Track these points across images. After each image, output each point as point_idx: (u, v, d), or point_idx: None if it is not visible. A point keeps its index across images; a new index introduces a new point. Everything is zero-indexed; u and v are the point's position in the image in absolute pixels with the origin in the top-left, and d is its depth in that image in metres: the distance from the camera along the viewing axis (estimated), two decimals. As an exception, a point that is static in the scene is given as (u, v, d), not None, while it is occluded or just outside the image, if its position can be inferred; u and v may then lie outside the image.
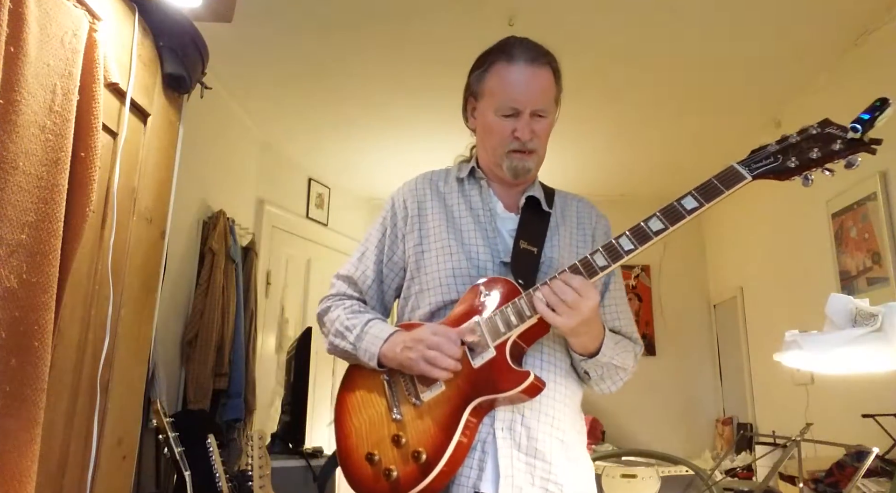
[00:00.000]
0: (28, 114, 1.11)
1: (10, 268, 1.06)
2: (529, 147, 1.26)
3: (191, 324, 3.02)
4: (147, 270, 1.66)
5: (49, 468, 1.30)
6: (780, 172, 1.04)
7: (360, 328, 1.26)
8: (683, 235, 4.81)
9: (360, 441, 1.21)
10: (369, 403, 1.24)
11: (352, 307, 1.33)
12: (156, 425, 1.78)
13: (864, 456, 1.95)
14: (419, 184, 1.39)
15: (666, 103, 3.49)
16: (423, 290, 1.28)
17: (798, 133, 1.05)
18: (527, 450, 1.16)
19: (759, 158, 1.06)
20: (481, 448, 1.16)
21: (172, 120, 1.77)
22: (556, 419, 1.20)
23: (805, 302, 3.20)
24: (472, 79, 1.33)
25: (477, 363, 1.14)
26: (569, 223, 1.35)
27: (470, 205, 1.33)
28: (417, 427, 1.16)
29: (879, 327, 1.41)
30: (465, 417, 1.12)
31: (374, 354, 1.22)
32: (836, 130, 1.02)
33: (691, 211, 1.06)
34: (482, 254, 1.26)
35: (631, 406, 4.59)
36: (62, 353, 1.33)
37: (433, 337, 1.14)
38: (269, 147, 4.08)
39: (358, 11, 2.72)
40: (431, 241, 1.29)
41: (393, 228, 1.36)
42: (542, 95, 1.25)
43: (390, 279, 1.37)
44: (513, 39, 1.30)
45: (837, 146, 1.01)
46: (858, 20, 2.67)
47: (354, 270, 1.38)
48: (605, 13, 2.70)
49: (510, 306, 1.14)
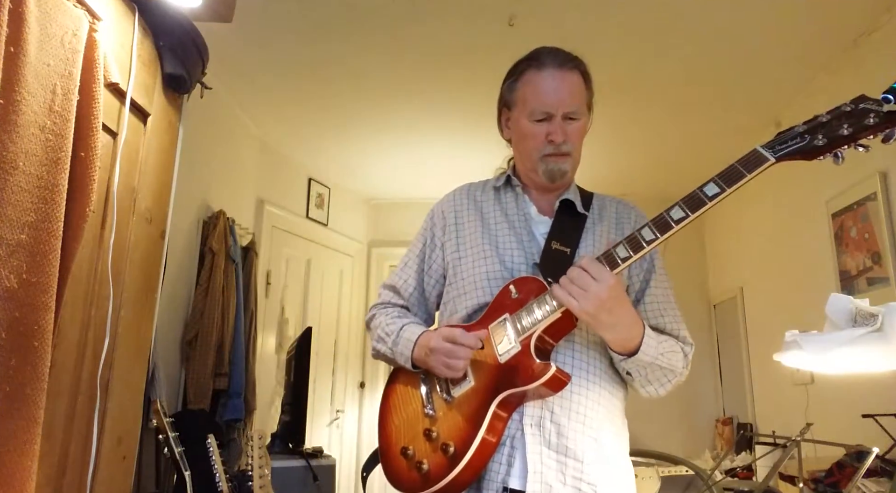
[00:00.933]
0: (28, 114, 1.11)
1: (10, 268, 1.06)
2: (563, 150, 1.29)
3: (191, 324, 3.02)
4: (147, 270, 1.66)
5: (49, 468, 1.30)
6: (807, 152, 0.99)
7: (396, 333, 1.33)
8: (683, 235, 4.77)
9: (399, 437, 1.27)
10: (408, 401, 1.30)
11: (392, 314, 1.40)
12: (156, 425, 1.78)
13: (864, 456, 1.95)
14: (457, 195, 1.44)
15: (666, 103, 3.49)
16: (459, 294, 1.32)
17: (829, 112, 0.99)
18: (557, 448, 1.16)
19: (785, 139, 1.01)
20: (510, 444, 1.17)
21: (172, 120, 1.77)
22: (588, 417, 1.19)
23: (805, 302, 3.20)
24: (504, 89, 1.36)
25: (503, 359, 1.17)
26: (606, 223, 1.36)
27: (505, 212, 1.37)
28: (448, 421, 1.19)
29: (879, 327, 1.41)
30: (492, 410, 1.14)
31: (407, 357, 1.29)
32: (870, 105, 0.96)
33: (713, 197, 1.04)
34: (516, 257, 1.29)
35: (631, 406, 4.58)
36: (62, 353, 1.33)
37: (445, 345, 1.19)
38: (269, 147, 4.08)
39: (358, 11, 2.72)
40: (467, 247, 1.34)
41: (432, 238, 1.42)
42: (572, 98, 1.28)
43: (431, 286, 1.42)
44: (542, 48, 1.33)
45: (872, 120, 0.94)
46: (858, 20, 2.67)
47: (398, 279, 1.45)
48: (604, 13, 2.69)
49: (535, 301, 1.16)
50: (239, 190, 3.76)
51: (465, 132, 3.83)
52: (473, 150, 3.99)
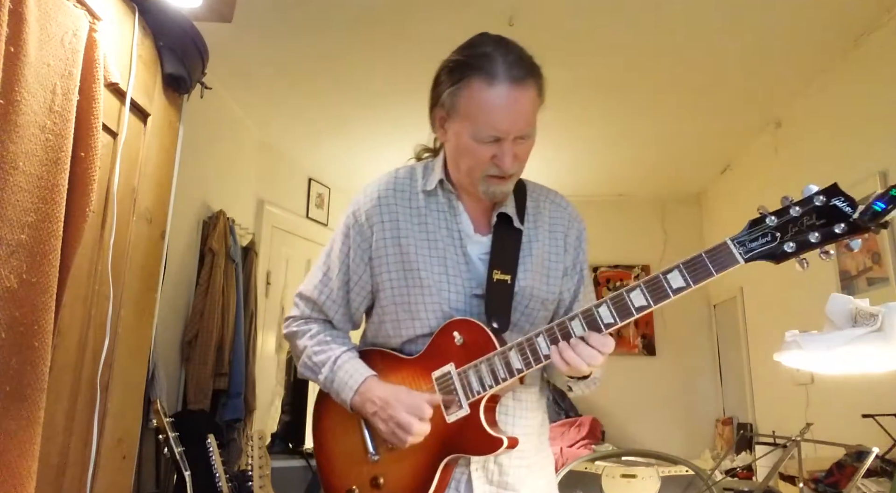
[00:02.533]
0: (28, 114, 1.11)
1: (10, 268, 1.06)
2: (510, 173, 1.15)
3: (191, 324, 3.02)
4: (147, 270, 1.66)
5: (49, 468, 1.30)
6: (775, 257, 0.99)
7: (329, 369, 1.23)
8: (683, 235, 4.81)
9: (342, 471, 1.23)
10: (347, 434, 1.24)
11: (318, 337, 1.28)
12: (156, 425, 1.78)
13: (864, 456, 1.95)
14: (383, 196, 1.25)
15: (666, 103, 3.49)
16: (393, 320, 1.24)
17: (800, 203, 0.96)
18: (498, 483, 1.19)
19: (756, 235, 1.01)
20: (455, 486, 1.18)
21: (172, 120, 1.77)
22: (525, 451, 1.22)
23: (805, 302, 3.20)
24: (444, 92, 1.15)
25: (451, 419, 1.14)
26: (542, 236, 1.27)
27: (438, 225, 1.23)
28: (395, 472, 1.17)
29: (879, 327, 1.41)
30: (441, 468, 1.14)
31: (345, 401, 1.21)
32: (843, 205, 0.91)
33: (677, 290, 1.04)
34: (454, 285, 1.20)
35: (631, 406, 4.59)
36: (62, 353, 1.33)
37: (405, 416, 1.12)
38: (269, 147, 4.08)
39: (358, 11, 2.72)
40: (400, 269, 1.21)
41: (357, 249, 1.25)
42: (526, 120, 1.12)
43: (357, 302, 1.29)
44: (490, 46, 1.12)
45: (840, 229, 0.91)
46: (858, 20, 2.67)
47: (318, 294, 1.29)
48: (604, 13, 2.69)
49: (485, 363, 1.12)
50: (239, 190, 3.76)
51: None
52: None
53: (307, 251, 4.46)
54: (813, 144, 3.19)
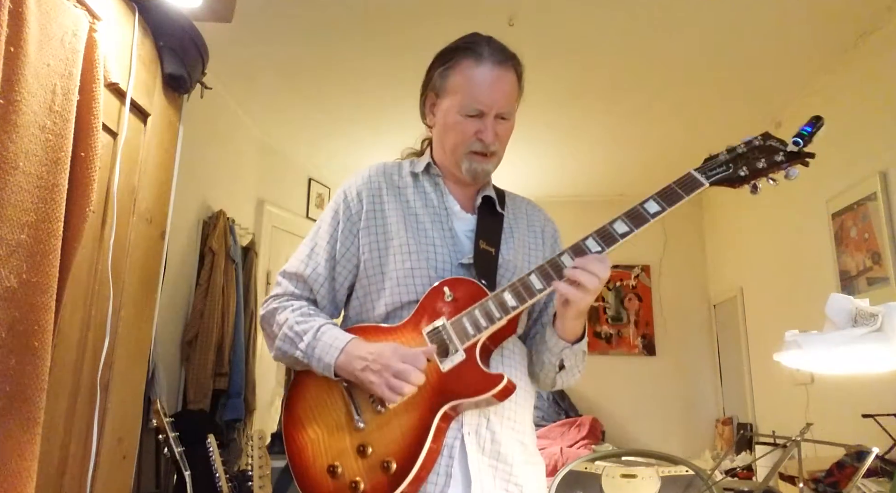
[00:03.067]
0: (28, 114, 1.11)
1: (10, 268, 1.06)
2: (491, 150, 1.24)
3: (191, 324, 3.02)
4: (147, 270, 1.66)
5: (49, 468, 1.30)
6: (732, 181, 1.14)
7: (313, 335, 1.18)
8: (683, 235, 4.81)
9: (319, 453, 1.15)
10: (326, 412, 1.18)
11: (301, 310, 1.24)
12: (156, 425, 1.78)
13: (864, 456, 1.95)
14: (373, 175, 1.32)
15: (666, 103, 3.49)
16: (378, 290, 1.23)
17: (744, 143, 1.16)
18: (490, 453, 1.16)
19: (714, 166, 1.15)
20: (448, 454, 1.13)
21: (172, 120, 1.77)
22: (517, 422, 1.21)
23: (805, 302, 3.20)
24: (435, 74, 1.28)
25: (446, 367, 1.12)
26: (521, 225, 1.35)
27: (426, 202, 1.29)
28: (384, 435, 1.11)
29: (879, 327, 1.41)
30: (436, 422, 1.09)
31: (328, 364, 1.14)
32: (776, 143, 1.14)
33: (654, 214, 1.14)
34: (440, 255, 1.22)
35: (631, 406, 4.59)
36: (62, 353, 1.33)
37: (400, 365, 1.08)
38: (269, 147, 4.08)
39: (358, 12, 2.72)
40: (388, 238, 1.24)
41: (346, 222, 1.28)
42: (507, 98, 1.23)
43: (343, 277, 1.28)
44: (479, 37, 1.27)
45: (779, 157, 1.12)
46: (858, 20, 2.67)
47: (304, 267, 1.28)
48: (604, 13, 2.69)
49: (478, 307, 1.13)
50: (239, 190, 3.76)
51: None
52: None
53: (307, 251, 4.46)
54: (813, 144, 3.18)
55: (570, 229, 1.35)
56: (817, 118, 1.11)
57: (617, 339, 4.80)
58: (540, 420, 4.23)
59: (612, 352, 4.78)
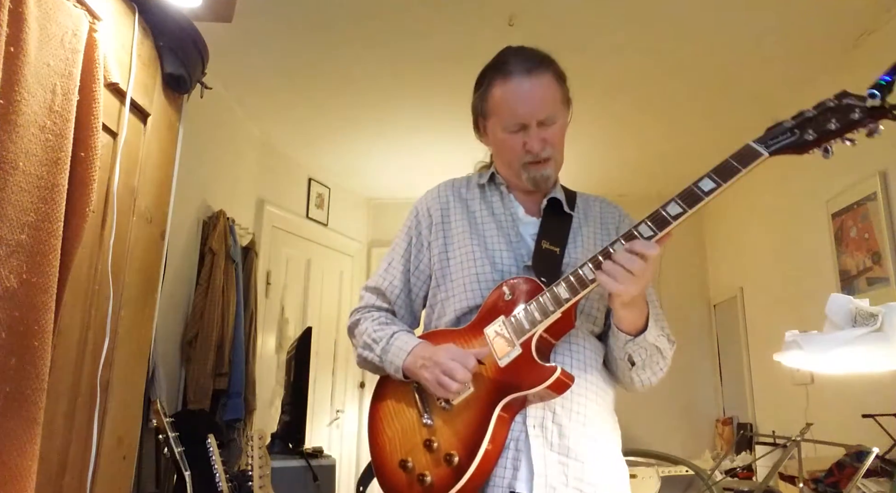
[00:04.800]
0: (28, 114, 1.11)
1: (10, 268, 1.06)
2: (543, 157, 1.26)
3: (191, 324, 3.02)
4: (147, 270, 1.66)
5: (49, 468, 1.30)
6: (798, 147, 1.02)
7: (386, 341, 1.27)
8: (683, 235, 4.81)
9: (394, 450, 1.22)
10: (401, 412, 1.25)
11: (379, 319, 1.34)
12: (156, 425, 1.78)
13: (864, 456, 1.95)
14: (442, 191, 1.40)
15: (666, 103, 3.49)
16: (448, 297, 1.28)
17: (815, 107, 1.02)
18: (559, 448, 1.15)
19: (776, 134, 1.04)
20: (514, 447, 1.15)
21: (172, 120, 1.77)
22: (587, 417, 1.19)
23: (805, 302, 3.20)
24: (476, 99, 1.33)
25: (504, 362, 1.14)
26: (592, 223, 1.35)
27: (492, 211, 1.33)
28: (449, 431, 1.16)
29: (879, 327, 1.41)
30: (496, 416, 1.12)
31: (398, 366, 1.23)
32: (854, 101, 0.98)
33: (709, 192, 1.05)
34: (506, 259, 1.26)
35: (631, 406, 4.57)
36: (62, 353, 1.33)
37: (450, 362, 1.14)
38: (269, 147, 4.08)
39: (358, 11, 2.72)
40: (455, 247, 1.30)
41: (418, 236, 1.37)
42: (545, 104, 1.24)
43: (418, 288, 1.38)
44: (507, 52, 1.29)
45: (857, 115, 0.98)
46: (858, 20, 2.67)
47: (382, 280, 1.39)
48: (604, 14, 2.69)
49: (533, 302, 1.14)
50: (239, 190, 3.76)
51: (465, 132, 3.82)
52: (473, 149, 3.98)
53: (307, 251, 4.46)
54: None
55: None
56: None
57: (617, 339, 4.80)
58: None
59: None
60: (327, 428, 4.43)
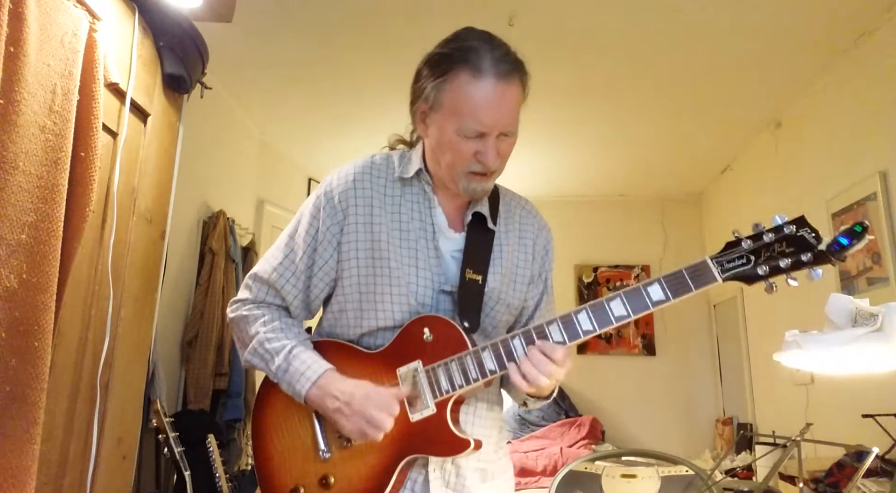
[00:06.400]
0: (28, 114, 1.11)
1: (10, 268, 1.06)
2: (492, 170, 1.13)
3: (191, 324, 3.02)
4: (147, 270, 1.66)
5: (49, 468, 1.30)
6: (749, 278, 1.03)
7: (284, 357, 1.14)
8: (683, 236, 4.81)
9: (284, 469, 1.15)
10: (293, 427, 1.17)
11: (273, 324, 1.19)
12: (156, 425, 1.78)
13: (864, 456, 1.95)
14: (358, 179, 1.22)
15: (666, 103, 3.49)
16: (355, 308, 1.17)
17: (773, 230, 1.02)
18: (455, 486, 1.15)
19: (733, 257, 1.04)
20: (411, 488, 1.14)
21: (172, 120, 1.77)
22: (483, 453, 1.17)
23: (805, 302, 3.20)
24: (428, 85, 1.15)
25: (415, 418, 1.09)
26: (512, 240, 1.26)
27: (412, 216, 1.19)
28: (347, 471, 1.11)
29: (879, 327, 1.41)
30: (399, 467, 1.09)
31: (299, 393, 1.12)
32: (810, 237, 0.99)
33: (657, 303, 1.04)
34: (422, 279, 1.16)
35: (631, 406, 4.59)
36: (62, 353, 1.33)
37: (374, 411, 1.05)
38: (268, 147, 4.08)
39: (358, 12, 2.72)
40: (368, 256, 1.16)
41: (327, 232, 1.19)
42: (510, 115, 1.11)
43: (319, 290, 1.21)
44: (475, 40, 1.12)
45: (807, 257, 0.99)
46: (858, 20, 2.67)
47: (279, 277, 1.21)
48: (604, 13, 2.69)
49: (455, 362, 1.08)
50: (239, 190, 3.76)
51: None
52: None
53: (307, 251, 4.46)
54: (813, 144, 3.18)
55: (569, 229, 1.34)
56: (862, 231, 0.95)
57: (617, 339, 4.80)
58: (540, 420, 4.23)
59: (612, 352, 4.78)
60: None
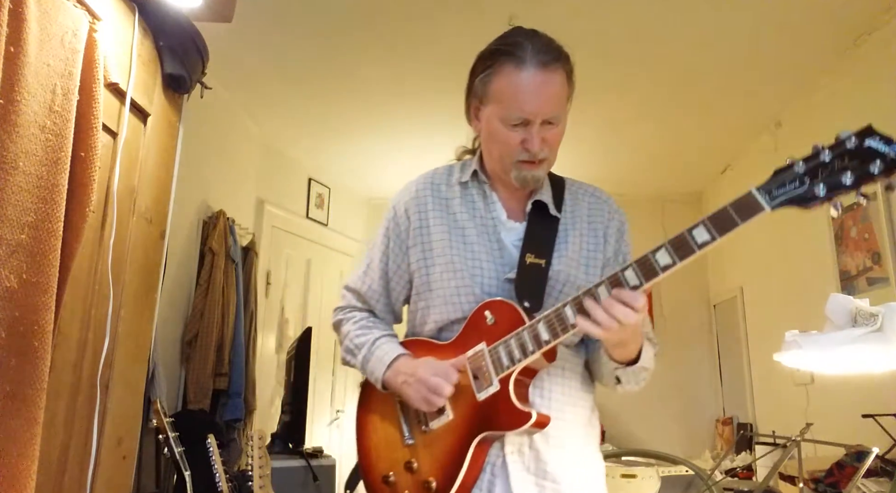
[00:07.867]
0: (28, 114, 1.11)
1: (10, 268, 1.06)
2: (540, 157, 1.17)
3: (191, 324, 3.02)
4: (147, 270, 1.66)
5: (49, 468, 1.30)
6: (805, 202, 0.90)
7: (368, 348, 1.27)
8: (683, 235, 4.81)
9: (379, 460, 1.25)
10: (384, 422, 1.27)
11: (361, 322, 1.33)
12: (156, 425, 1.78)
13: (864, 456, 1.95)
14: (420, 190, 1.31)
15: (666, 103, 3.49)
16: (428, 306, 1.26)
17: (831, 147, 0.89)
18: (536, 472, 1.16)
19: (783, 181, 0.91)
20: (490, 471, 1.16)
21: (172, 120, 1.77)
22: (563, 439, 1.18)
23: (805, 302, 3.20)
24: (477, 81, 1.21)
25: (481, 396, 1.13)
26: (579, 225, 1.27)
27: (473, 213, 1.26)
28: (428, 455, 1.18)
29: (879, 327, 1.41)
30: (473, 448, 1.13)
31: (378, 379, 1.23)
32: (878, 144, 0.84)
33: (702, 245, 0.96)
34: (486, 270, 1.21)
35: (631, 406, 4.59)
36: (62, 353, 1.33)
37: (433, 379, 1.14)
38: (269, 147, 4.08)
39: (358, 12, 2.72)
40: (435, 256, 1.24)
41: (396, 239, 1.31)
42: (553, 103, 1.16)
43: (397, 292, 1.34)
44: (521, 36, 1.18)
45: (877, 167, 0.84)
46: (858, 20, 2.67)
47: (361, 283, 1.36)
48: (604, 13, 2.69)
49: (514, 338, 1.11)
50: (239, 190, 3.76)
51: (465, 132, 3.83)
52: (473, 150, 3.99)
53: (307, 251, 4.46)
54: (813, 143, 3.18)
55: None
56: None
57: (617, 339, 4.80)
58: (540, 420, 4.23)
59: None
60: (327, 428, 4.43)
